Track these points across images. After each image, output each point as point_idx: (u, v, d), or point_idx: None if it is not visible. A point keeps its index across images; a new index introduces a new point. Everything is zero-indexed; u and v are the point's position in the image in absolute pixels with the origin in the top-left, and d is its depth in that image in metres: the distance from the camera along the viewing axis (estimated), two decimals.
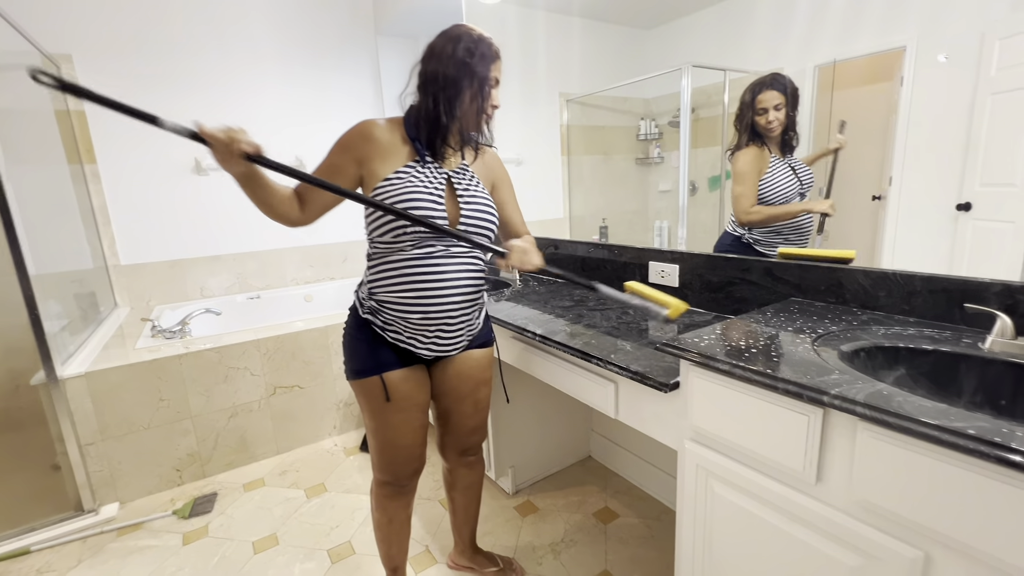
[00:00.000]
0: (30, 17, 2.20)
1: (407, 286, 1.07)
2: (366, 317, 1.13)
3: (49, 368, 1.68)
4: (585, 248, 1.90)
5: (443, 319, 1.11)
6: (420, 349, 1.13)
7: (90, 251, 2.52)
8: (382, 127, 1.07)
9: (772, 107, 1.25)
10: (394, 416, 1.14)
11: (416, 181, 1.04)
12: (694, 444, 0.95)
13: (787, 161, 1.26)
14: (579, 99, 2.12)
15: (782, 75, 1.26)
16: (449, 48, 1.03)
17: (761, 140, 1.27)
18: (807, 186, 1.26)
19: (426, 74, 1.06)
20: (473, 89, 1.05)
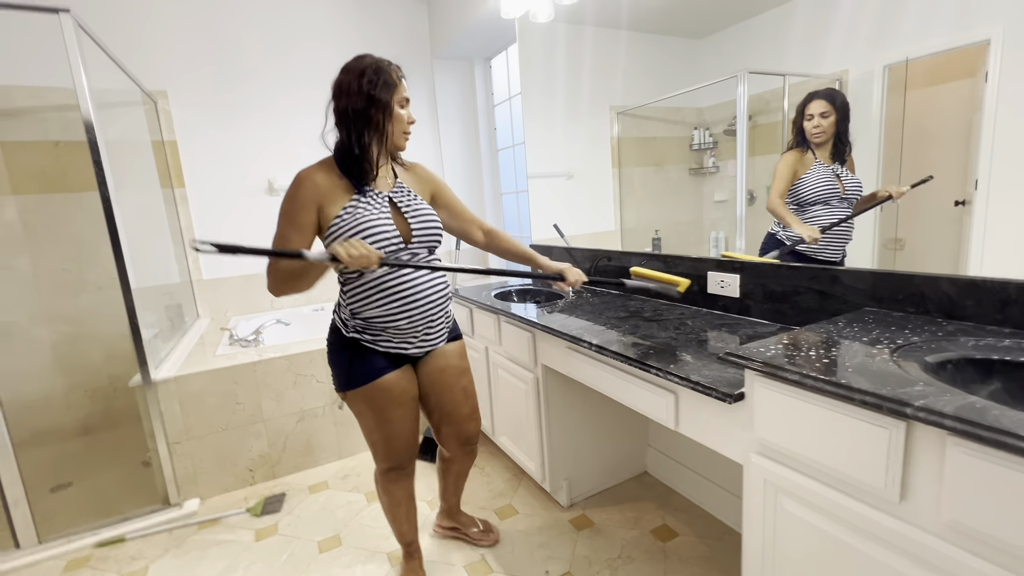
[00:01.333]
0: (132, 58, 2.48)
1: (389, 300, 1.19)
2: (352, 336, 1.24)
3: (145, 372, 1.85)
4: (639, 259, 1.88)
5: (427, 319, 1.26)
6: (411, 349, 1.28)
7: (177, 267, 2.77)
8: (318, 172, 1.16)
9: (819, 114, 1.32)
10: (395, 412, 1.27)
11: (364, 211, 1.14)
12: (761, 458, 0.92)
13: (833, 168, 1.32)
14: (630, 111, 2.12)
15: (836, 89, 1.32)
16: (355, 84, 1.12)
17: (807, 145, 1.35)
18: (851, 194, 1.31)
19: (339, 111, 1.15)
20: (380, 116, 1.14)
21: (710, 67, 1.71)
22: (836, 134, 1.31)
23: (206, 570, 1.61)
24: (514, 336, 1.79)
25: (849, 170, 1.31)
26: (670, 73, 1.92)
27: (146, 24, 2.60)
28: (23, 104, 2.42)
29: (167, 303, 2.56)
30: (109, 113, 2.48)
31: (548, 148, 2.57)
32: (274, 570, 1.59)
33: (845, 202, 1.31)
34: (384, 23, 3.19)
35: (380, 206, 1.17)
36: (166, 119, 2.70)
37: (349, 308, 1.24)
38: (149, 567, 1.65)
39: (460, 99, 3.47)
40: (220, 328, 2.56)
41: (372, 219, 1.14)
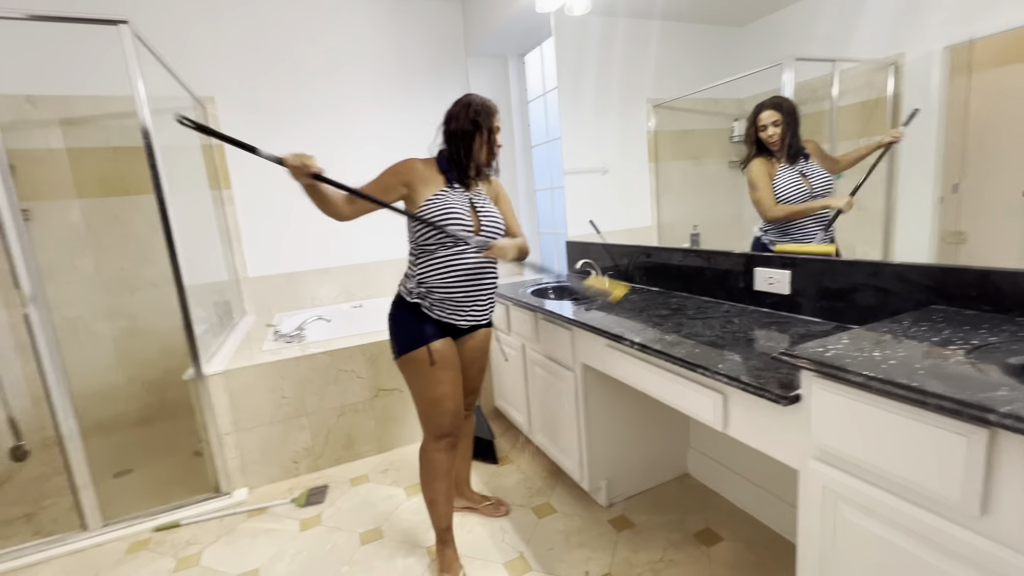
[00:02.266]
0: (183, 66, 2.58)
1: (453, 274, 1.45)
2: (415, 302, 1.47)
3: (197, 366, 1.94)
4: (680, 255, 1.83)
5: (478, 296, 1.50)
6: (460, 321, 1.49)
7: (225, 265, 2.89)
8: (421, 162, 1.47)
9: (771, 123, 1.41)
10: (443, 374, 1.47)
11: (450, 200, 1.43)
12: (819, 464, 0.87)
13: (797, 168, 1.39)
14: (667, 104, 2.06)
15: (781, 96, 1.42)
16: (463, 113, 1.45)
17: (768, 152, 1.43)
18: (821, 190, 1.37)
19: (450, 132, 1.47)
20: (483, 138, 1.45)
21: (752, 55, 1.64)
22: (788, 138, 1.41)
23: (255, 557, 1.67)
24: (552, 334, 1.78)
25: (817, 161, 1.37)
26: (708, 63, 1.86)
27: (196, 33, 2.71)
28: (86, 113, 2.57)
29: (216, 300, 2.67)
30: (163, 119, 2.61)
31: (583, 143, 2.53)
32: (318, 560, 1.64)
33: (818, 198, 1.38)
34: (420, 24, 3.22)
35: (462, 201, 1.45)
36: (214, 123, 2.81)
37: (416, 277, 1.47)
38: (203, 552, 1.72)
39: (494, 96, 3.40)
40: (266, 324, 2.66)
41: (455, 207, 1.42)
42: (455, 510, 1.71)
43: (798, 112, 1.40)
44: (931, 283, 1.11)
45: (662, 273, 1.93)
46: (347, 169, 3.28)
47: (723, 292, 1.64)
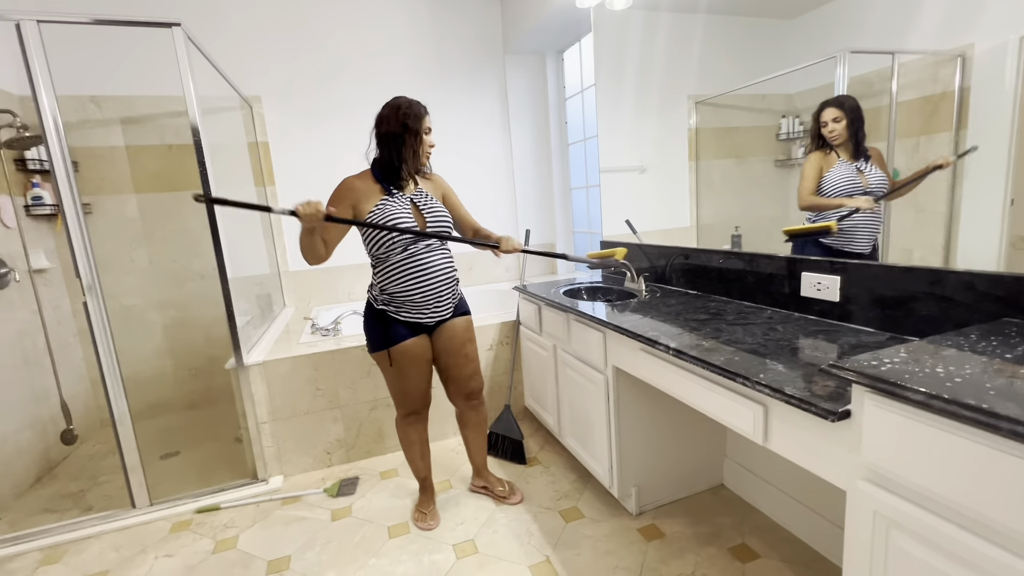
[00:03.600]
0: (232, 67, 2.69)
1: (408, 277, 1.56)
2: (381, 308, 1.61)
3: (239, 356, 2.01)
4: (719, 257, 1.76)
5: (436, 293, 1.61)
6: (425, 319, 1.63)
7: (267, 259, 2.99)
8: (356, 180, 1.55)
9: (831, 120, 1.42)
10: (411, 369, 1.64)
11: (390, 207, 1.51)
12: (870, 485, 0.81)
13: (856, 164, 1.39)
14: (709, 100, 1.99)
15: (845, 95, 1.40)
16: (392, 116, 1.50)
17: (829, 146, 1.43)
18: (876, 188, 1.35)
19: (380, 136, 1.53)
20: (412, 140, 1.51)
21: (802, 49, 1.56)
22: (852, 134, 1.39)
23: (288, 544, 1.72)
24: (584, 335, 1.74)
25: (876, 165, 1.34)
26: (755, 58, 1.77)
27: (245, 35, 2.81)
28: (144, 112, 2.71)
29: (258, 292, 2.77)
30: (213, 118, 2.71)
31: (621, 141, 2.48)
32: (348, 550, 1.67)
33: (868, 195, 1.36)
34: (458, 23, 3.23)
35: (403, 204, 1.54)
36: (260, 122, 2.91)
37: (378, 286, 1.61)
38: (240, 536, 1.79)
39: (531, 94, 3.44)
40: (304, 317, 2.73)
41: (396, 213, 1.51)
42: (475, 490, 1.96)
43: (861, 110, 1.37)
44: (1003, 293, 1.01)
45: (701, 275, 1.86)
46: None
47: (766, 297, 1.56)
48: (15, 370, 2.24)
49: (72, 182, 1.75)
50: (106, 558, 1.71)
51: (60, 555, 1.74)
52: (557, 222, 3.60)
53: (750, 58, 1.80)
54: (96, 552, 1.74)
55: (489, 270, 3.53)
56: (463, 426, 1.88)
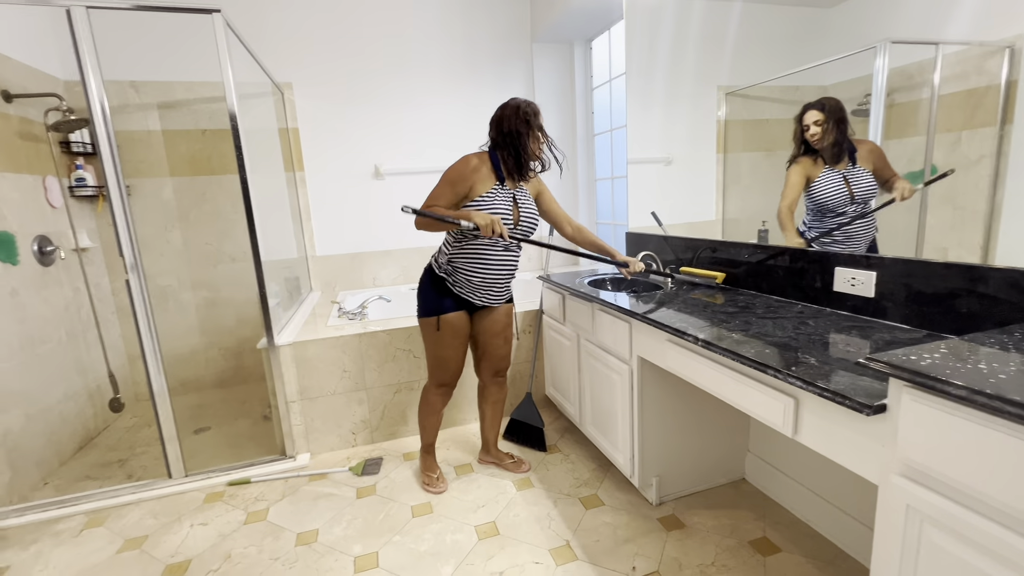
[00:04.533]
0: (265, 54, 2.73)
1: (477, 263, 1.69)
2: (441, 276, 1.73)
3: (270, 336, 2.07)
4: (747, 251, 1.74)
5: (494, 283, 1.75)
6: (475, 300, 1.76)
7: (296, 243, 3.05)
8: (477, 158, 1.66)
9: (812, 123, 1.42)
10: (452, 340, 1.77)
11: (498, 199, 1.65)
12: (904, 480, 0.81)
13: (841, 172, 1.39)
14: (740, 91, 1.95)
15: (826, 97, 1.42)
16: (514, 115, 1.63)
17: (815, 153, 1.43)
18: (864, 194, 1.36)
19: (502, 133, 1.65)
20: (532, 136, 1.64)
21: (840, 38, 1.51)
22: (834, 138, 1.39)
23: (316, 518, 1.78)
24: (609, 325, 1.75)
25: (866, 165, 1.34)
26: (790, 47, 1.73)
27: (278, 22, 2.85)
28: (181, 97, 2.78)
29: (287, 275, 2.83)
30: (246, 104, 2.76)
31: (649, 132, 2.45)
32: (373, 527, 1.72)
33: (860, 204, 1.37)
34: (487, 13, 3.21)
35: (506, 199, 1.67)
36: (291, 108, 2.96)
37: (448, 256, 1.72)
38: (270, 508, 1.85)
39: (558, 83, 3.42)
40: (331, 301, 2.79)
41: (499, 206, 1.65)
42: (484, 462, 2.08)
43: (844, 112, 1.39)
44: None
45: (728, 269, 1.84)
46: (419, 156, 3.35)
47: (796, 291, 1.54)
48: (60, 344, 2.35)
49: (117, 165, 1.81)
50: (145, 524, 1.80)
51: (103, 519, 1.83)
52: (581, 213, 3.58)
53: (784, 48, 1.76)
54: (136, 518, 1.83)
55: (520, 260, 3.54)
56: (484, 400, 2.00)
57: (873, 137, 1.41)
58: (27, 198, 2.24)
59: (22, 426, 2.06)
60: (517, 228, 1.70)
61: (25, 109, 2.29)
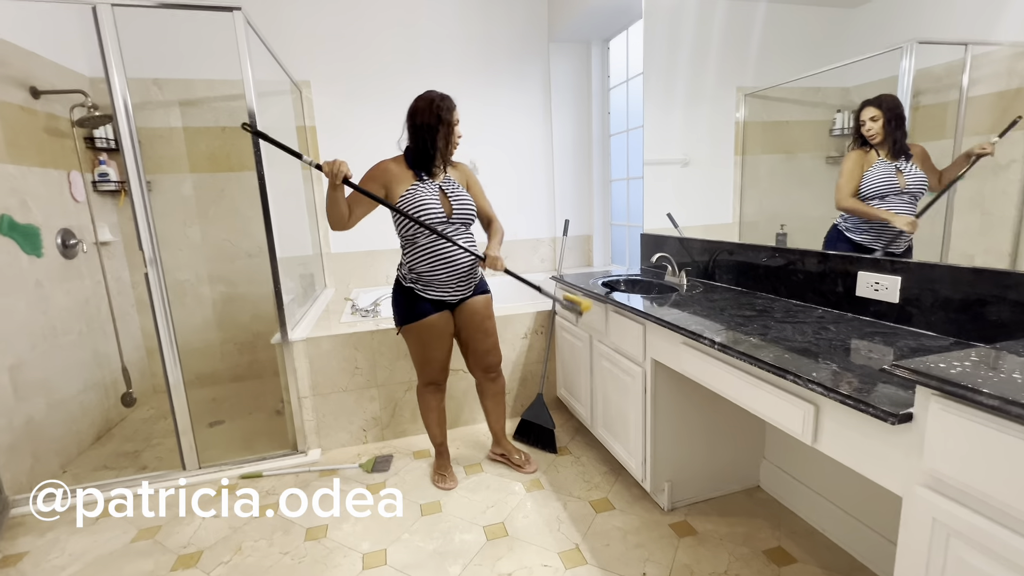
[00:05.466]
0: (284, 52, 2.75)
1: (435, 259, 1.70)
2: (409, 286, 1.75)
3: (284, 332, 2.08)
4: (766, 254, 1.70)
5: (460, 274, 1.75)
6: (449, 296, 1.77)
7: (311, 240, 3.08)
8: (392, 162, 1.69)
9: (869, 119, 1.41)
10: (435, 342, 1.79)
11: (421, 193, 1.65)
12: (929, 492, 0.78)
13: (895, 163, 1.37)
14: (760, 93, 1.91)
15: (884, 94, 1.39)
16: (427, 108, 1.64)
17: (869, 144, 1.43)
18: (914, 188, 1.34)
19: (415, 127, 1.66)
20: (445, 130, 1.65)
21: (864, 39, 1.48)
22: (890, 133, 1.38)
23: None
24: (623, 327, 1.73)
25: (918, 164, 1.32)
26: (812, 48, 1.69)
27: (297, 21, 2.88)
28: (201, 95, 2.82)
29: (301, 272, 2.86)
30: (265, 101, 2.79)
31: (666, 133, 2.42)
32: (382, 524, 1.72)
33: (906, 195, 1.35)
34: (505, 12, 3.21)
35: (431, 191, 1.67)
36: (308, 106, 2.98)
37: (407, 265, 1.75)
38: (280, 503, 1.86)
39: (574, 83, 3.40)
40: (344, 298, 2.81)
41: (425, 199, 1.65)
42: (493, 457, 2.11)
43: (902, 109, 1.36)
44: None
45: (746, 272, 1.81)
46: None
47: (817, 296, 1.51)
48: (81, 335, 2.40)
49: (138, 161, 1.84)
50: (159, 514, 1.82)
51: (119, 508, 1.86)
52: (595, 214, 3.56)
53: (807, 48, 1.72)
54: (150, 508, 1.86)
55: (525, 259, 3.53)
56: (483, 396, 2.02)
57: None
58: (52, 192, 2.29)
59: (43, 415, 2.10)
60: (452, 217, 1.69)
61: (52, 105, 2.34)
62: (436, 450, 2.02)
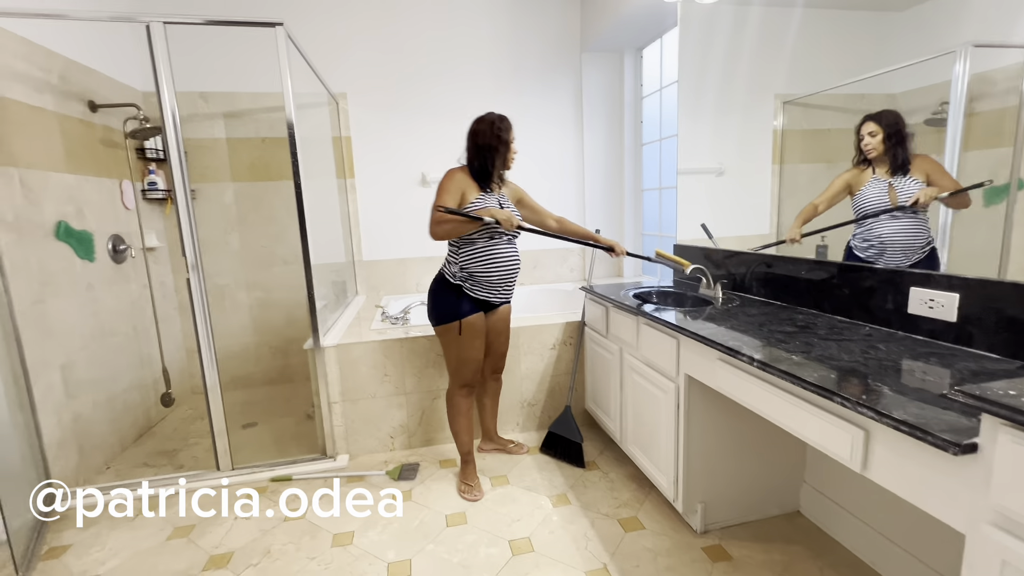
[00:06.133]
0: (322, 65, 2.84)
1: (489, 261, 1.83)
2: (457, 283, 1.84)
3: (316, 338, 2.12)
4: (806, 267, 1.63)
5: (507, 278, 1.89)
6: (493, 298, 1.89)
7: (344, 248, 3.14)
8: (462, 172, 1.81)
9: (867, 134, 1.44)
10: (473, 342, 1.87)
11: (488, 203, 1.79)
12: (998, 531, 0.71)
13: (890, 180, 1.40)
14: (799, 100, 1.85)
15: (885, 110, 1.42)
16: (488, 130, 1.79)
17: (869, 162, 1.45)
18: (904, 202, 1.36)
19: (476, 146, 1.81)
20: (503, 149, 1.80)
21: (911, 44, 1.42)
22: (888, 149, 1.40)
23: (352, 520, 1.79)
24: (655, 341, 1.68)
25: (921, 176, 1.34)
26: (855, 54, 1.63)
27: (334, 34, 2.97)
28: (244, 107, 2.93)
29: (334, 279, 2.92)
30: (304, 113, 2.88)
31: (700, 142, 2.37)
32: (407, 533, 1.71)
33: (901, 211, 1.36)
34: (538, 22, 3.22)
35: (493, 203, 1.81)
36: (344, 117, 3.06)
37: (459, 264, 1.84)
38: (309, 507, 1.88)
39: (607, 92, 3.38)
40: (375, 305, 2.84)
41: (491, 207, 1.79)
42: (486, 450, 2.24)
43: (902, 125, 1.38)
44: None
45: (786, 285, 1.73)
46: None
47: (863, 312, 1.43)
48: (126, 336, 2.50)
49: (184, 171, 1.92)
50: (193, 513, 1.87)
51: (155, 506, 1.92)
52: (627, 224, 3.51)
53: (849, 54, 1.66)
54: (185, 507, 1.91)
55: (554, 269, 3.51)
56: (484, 394, 2.16)
57: (950, 148, 1.31)
58: (105, 200, 2.41)
59: (90, 412, 2.20)
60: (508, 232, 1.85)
61: (107, 118, 2.48)
62: (463, 458, 2.01)
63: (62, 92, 2.18)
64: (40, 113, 2.04)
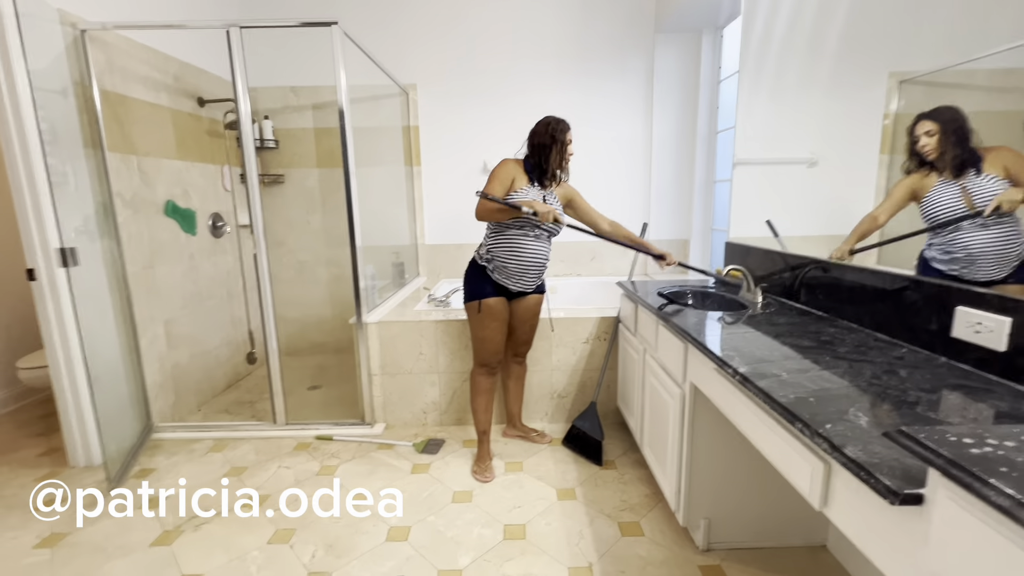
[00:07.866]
0: (390, 59, 3.01)
1: (512, 250, 1.90)
2: (483, 264, 1.95)
3: (359, 313, 2.31)
4: (858, 274, 1.42)
5: (526, 270, 1.93)
6: (512, 286, 1.95)
7: (407, 231, 3.34)
8: (515, 163, 1.91)
9: (923, 133, 1.28)
10: (493, 322, 1.95)
11: (531, 194, 1.87)
12: None
13: (960, 182, 1.19)
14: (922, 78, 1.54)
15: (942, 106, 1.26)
16: (544, 130, 1.87)
17: (931, 165, 1.27)
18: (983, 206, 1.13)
19: (533, 145, 1.90)
20: (558, 148, 1.87)
21: None
22: (949, 149, 1.22)
23: (372, 483, 1.95)
24: (669, 344, 1.59)
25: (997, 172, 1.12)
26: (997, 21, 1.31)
27: (404, 29, 3.12)
28: (328, 99, 3.21)
29: (393, 261, 3.13)
30: (375, 104, 3.10)
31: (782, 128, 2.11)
32: (414, 503, 1.83)
33: (981, 216, 1.15)
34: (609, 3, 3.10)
35: (537, 195, 1.89)
36: (413, 108, 3.23)
37: (487, 246, 1.95)
38: (340, 466, 2.09)
39: (681, 75, 3.16)
40: (423, 288, 3.00)
41: (530, 198, 1.86)
42: (510, 436, 2.31)
43: (963, 121, 1.20)
44: None
45: (833, 294, 1.53)
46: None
47: (905, 331, 1.22)
48: (220, 300, 2.92)
49: (254, 161, 2.18)
50: (247, 458, 2.16)
51: (222, 447, 2.25)
52: (695, 217, 3.29)
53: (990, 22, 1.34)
54: (244, 451, 2.22)
55: (612, 262, 3.41)
56: (508, 377, 2.23)
57: None
58: (207, 183, 2.82)
59: (187, 362, 2.62)
60: (544, 225, 1.90)
61: (213, 111, 2.88)
62: (479, 438, 2.09)
63: (176, 90, 2.58)
64: (157, 109, 2.44)
